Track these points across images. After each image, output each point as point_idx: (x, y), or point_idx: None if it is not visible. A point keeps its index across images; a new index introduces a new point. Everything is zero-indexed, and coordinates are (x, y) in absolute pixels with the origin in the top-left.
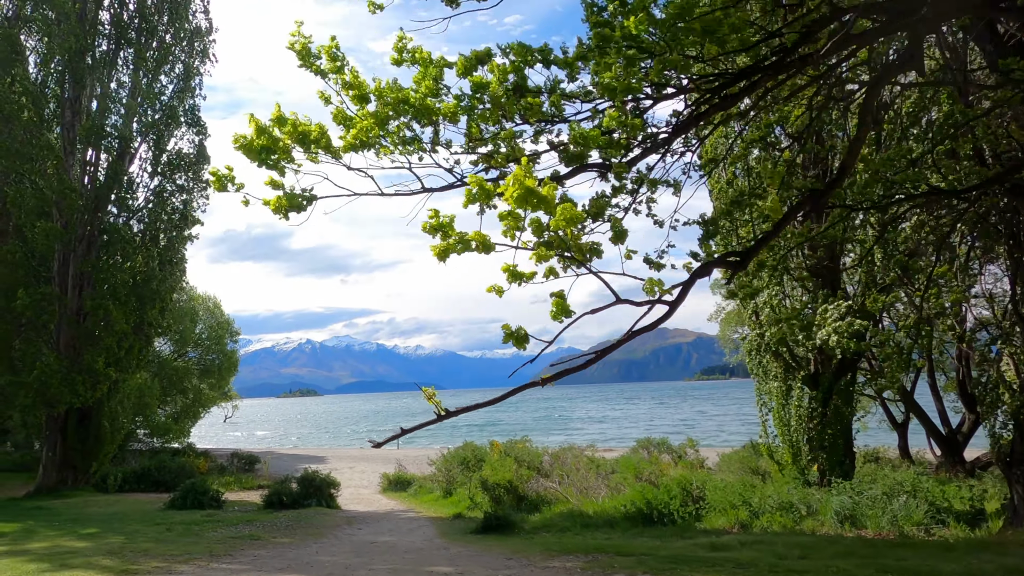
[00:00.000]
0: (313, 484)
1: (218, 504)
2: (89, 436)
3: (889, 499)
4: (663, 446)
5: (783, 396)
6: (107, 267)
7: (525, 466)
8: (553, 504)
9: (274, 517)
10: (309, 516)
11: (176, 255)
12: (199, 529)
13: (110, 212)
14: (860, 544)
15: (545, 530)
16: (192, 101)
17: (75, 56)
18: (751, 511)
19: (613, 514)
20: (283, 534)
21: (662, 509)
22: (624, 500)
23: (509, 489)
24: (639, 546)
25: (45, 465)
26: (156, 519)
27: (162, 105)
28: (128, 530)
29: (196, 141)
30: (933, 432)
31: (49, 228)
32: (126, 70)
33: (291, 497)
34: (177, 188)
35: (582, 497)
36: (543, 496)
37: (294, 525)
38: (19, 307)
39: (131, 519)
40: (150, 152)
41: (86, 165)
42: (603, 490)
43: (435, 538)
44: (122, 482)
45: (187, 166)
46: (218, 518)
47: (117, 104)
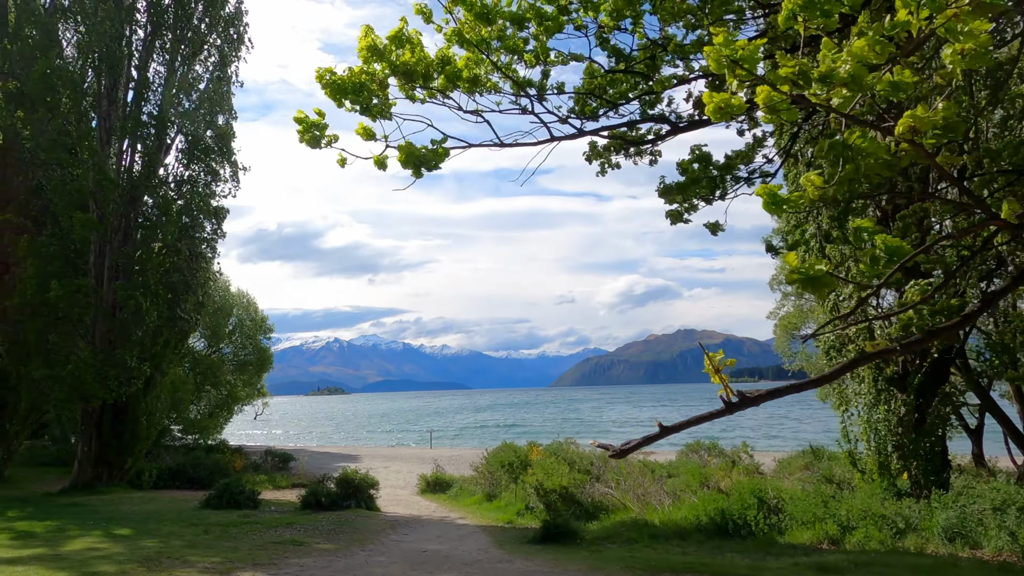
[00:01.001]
0: (352, 484)
1: (254, 504)
2: (124, 432)
3: (1001, 514)
4: (714, 450)
5: (871, 399)
6: (140, 258)
7: (577, 470)
8: (611, 512)
9: (314, 520)
10: (350, 520)
11: (208, 245)
12: (237, 532)
13: (146, 203)
14: (986, 569)
15: (609, 541)
16: (227, 87)
17: (112, 42)
18: (840, 524)
19: (682, 524)
20: (326, 539)
21: (737, 520)
22: (695, 509)
23: (564, 495)
24: (729, 565)
25: (80, 460)
26: (192, 520)
27: (199, 93)
28: (164, 532)
29: (228, 127)
30: (1016, 437)
31: (86, 219)
32: (162, 58)
33: (329, 498)
34: (211, 173)
35: (641, 504)
36: (600, 503)
37: (336, 529)
38: (53, 298)
39: (166, 519)
40: (186, 142)
41: (122, 155)
42: (663, 497)
43: (491, 548)
44: (156, 479)
45: (219, 153)
46: (255, 519)
47: (154, 92)
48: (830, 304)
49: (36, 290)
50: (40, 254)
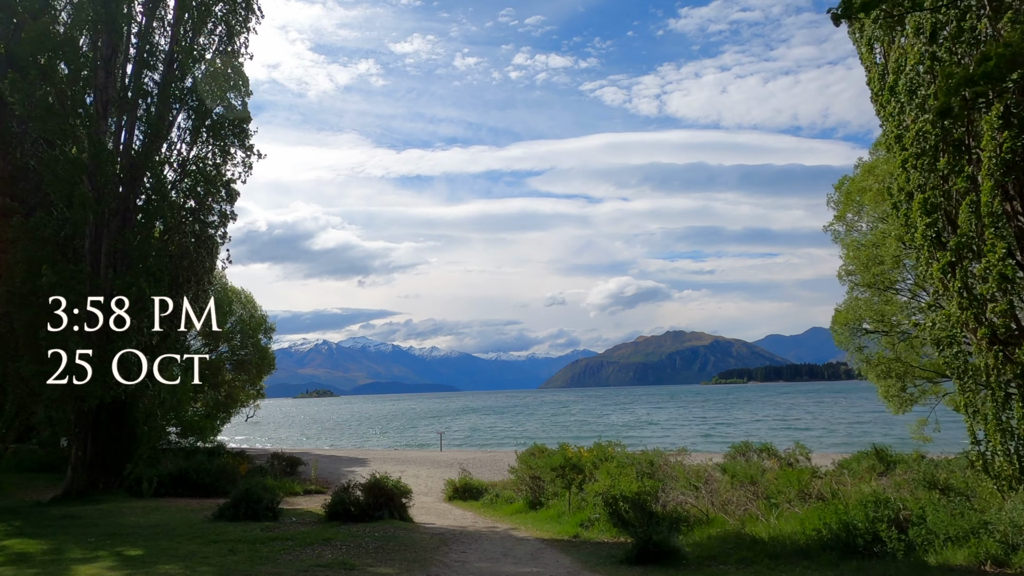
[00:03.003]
0: (383, 492)
1: (274, 515)
2: (122, 434)
3: None
4: (767, 452)
5: (1004, 396)
6: (141, 243)
7: (644, 475)
8: (692, 524)
9: (352, 535)
10: (393, 534)
11: (216, 231)
12: (268, 552)
13: (146, 185)
14: None
15: (719, 562)
16: (237, 61)
17: (111, 4)
18: (1001, 541)
19: (797, 539)
20: (377, 560)
21: (865, 535)
22: (808, 521)
23: (635, 503)
24: None
25: (74, 466)
26: (209, 534)
27: (206, 65)
28: (182, 552)
29: (240, 103)
30: None
31: (82, 196)
32: (163, 30)
33: (359, 507)
34: (223, 152)
35: (726, 514)
36: (677, 513)
37: (384, 547)
38: (45, 285)
39: (180, 534)
40: (190, 118)
41: (121, 131)
42: (748, 504)
43: (581, 571)
44: (158, 486)
45: (229, 131)
46: (283, 534)
47: (156, 62)
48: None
49: (26, 277)
50: (31, 237)
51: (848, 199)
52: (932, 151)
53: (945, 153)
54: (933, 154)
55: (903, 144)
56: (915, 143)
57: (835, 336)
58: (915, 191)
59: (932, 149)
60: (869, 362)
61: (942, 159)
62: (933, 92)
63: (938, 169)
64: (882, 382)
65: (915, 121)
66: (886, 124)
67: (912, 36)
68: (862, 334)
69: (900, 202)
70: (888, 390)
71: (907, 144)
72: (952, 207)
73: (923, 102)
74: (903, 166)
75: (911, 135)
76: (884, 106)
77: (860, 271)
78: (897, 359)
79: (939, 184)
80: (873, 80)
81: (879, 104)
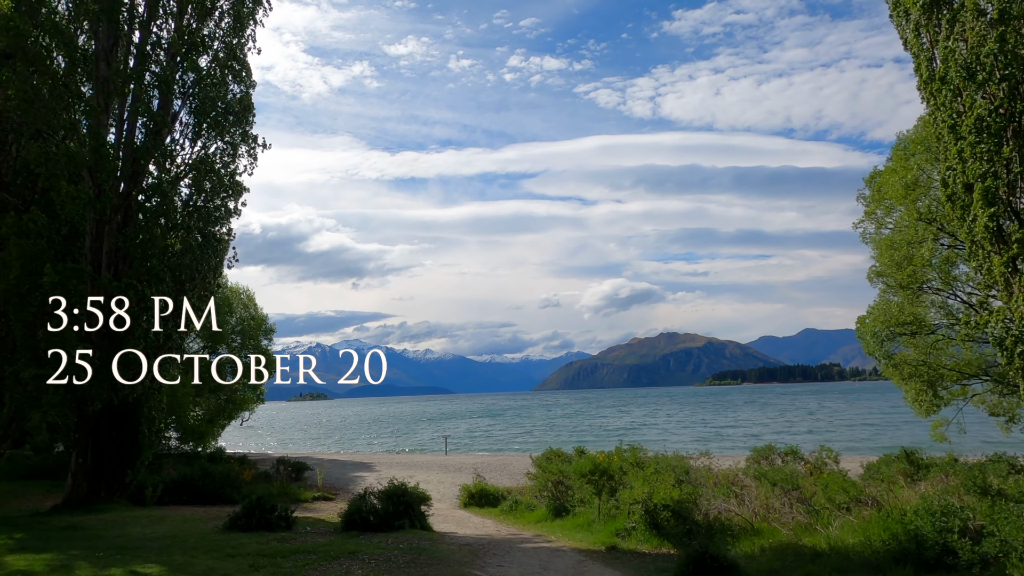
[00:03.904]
0: (402, 500)
1: (288, 525)
2: (125, 440)
3: None
4: (793, 455)
5: None
6: (144, 242)
7: (679, 482)
8: (738, 534)
9: (377, 547)
10: (419, 545)
11: (222, 227)
12: (291, 567)
13: (148, 180)
14: None
15: None
16: (243, 53)
17: None
18: None
19: (860, 551)
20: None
21: (934, 547)
22: (872, 531)
23: (676, 511)
24: None
25: (75, 473)
26: (225, 548)
27: (211, 55)
28: (200, 568)
29: (242, 93)
30: None
31: (80, 192)
32: (165, 21)
33: (378, 516)
34: (231, 145)
35: (765, 522)
36: (719, 521)
37: (415, 560)
38: (47, 284)
39: (193, 547)
40: (194, 111)
41: (122, 124)
42: (793, 513)
43: None
44: (161, 493)
45: (234, 122)
46: (302, 546)
47: (158, 51)
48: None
49: (23, 274)
50: (28, 232)
51: (877, 196)
52: (994, 138)
53: (1013, 139)
54: (997, 141)
55: (958, 133)
56: (974, 131)
57: (863, 341)
58: (975, 182)
59: (994, 136)
60: (899, 366)
61: (1007, 147)
62: (998, 76)
63: (1002, 157)
64: (910, 385)
65: (971, 108)
66: (937, 113)
67: (972, 18)
68: (894, 337)
69: (956, 194)
70: (919, 393)
71: (964, 132)
72: (1017, 198)
73: (982, 87)
74: (959, 156)
75: (969, 122)
76: (935, 95)
77: (891, 272)
78: (924, 362)
79: (1003, 173)
80: (921, 67)
81: (928, 92)
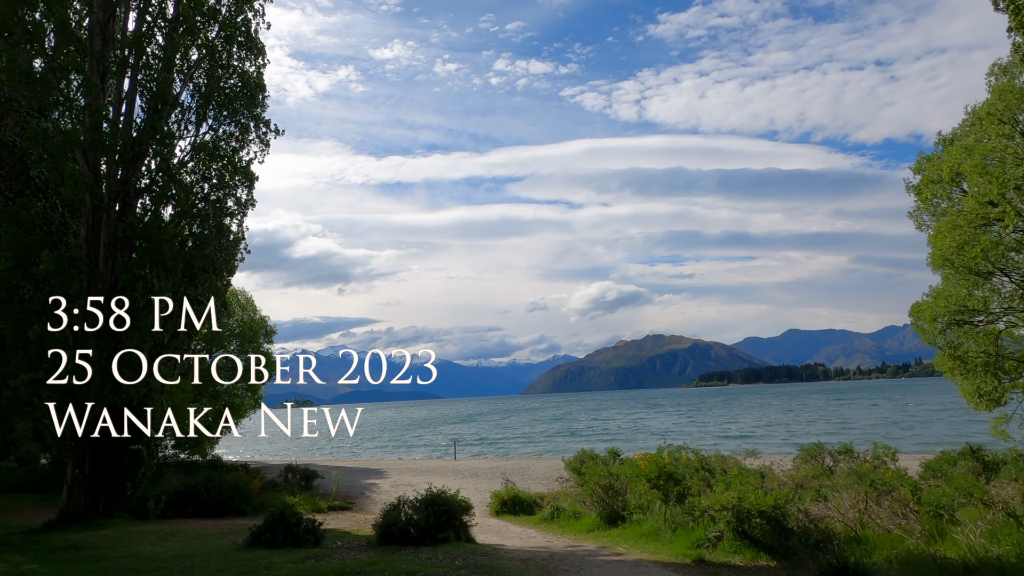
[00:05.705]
0: (444, 510)
1: (316, 539)
2: (125, 449)
3: None
4: (846, 453)
5: None
6: (147, 230)
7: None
8: (842, 542)
9: (433, 565)
10: (477, 561)
11: (234, 216)
12: None
13: (150, 164)
14: None
15: None
16: (251, 27)
17: None
18: None
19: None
20: None
21: None
22: None
23: (771, 518)
24: None
25: (71, 485)
26: (255, 568)
27: (219, 27)
28: None
29: (254, 72)
30: None
31: (77, 173)
32: None
33: (419, 529)
34: (241, 128)
35: (864, 529)
36: (819, 529)
37: None
38: (42, 272)
39: (216, 568)
40: (199, 89)
41: (121, 103)
42: (898, 518)
43: None
44: (165, 505)
45: (243, 104)
46: (342, 565)
47: (160, 22)
48: None
49: (14, 264)
50: (18, 218)
51: (936, 177)
52: None
53: None
54: None
55: None
56: None
57: (921, 331)
58: None
59: None
60: (962, 356)
61: None
62: None
63: None
64: (969, 378)
65: None
66: None
67: None
68: (960, 324)
69: None
70: (980, 386)
71: None
72: None
73: None
74: None
75: None
76: None
77: (954, 255)
78: (987, 352)
79: None
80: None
81: None
